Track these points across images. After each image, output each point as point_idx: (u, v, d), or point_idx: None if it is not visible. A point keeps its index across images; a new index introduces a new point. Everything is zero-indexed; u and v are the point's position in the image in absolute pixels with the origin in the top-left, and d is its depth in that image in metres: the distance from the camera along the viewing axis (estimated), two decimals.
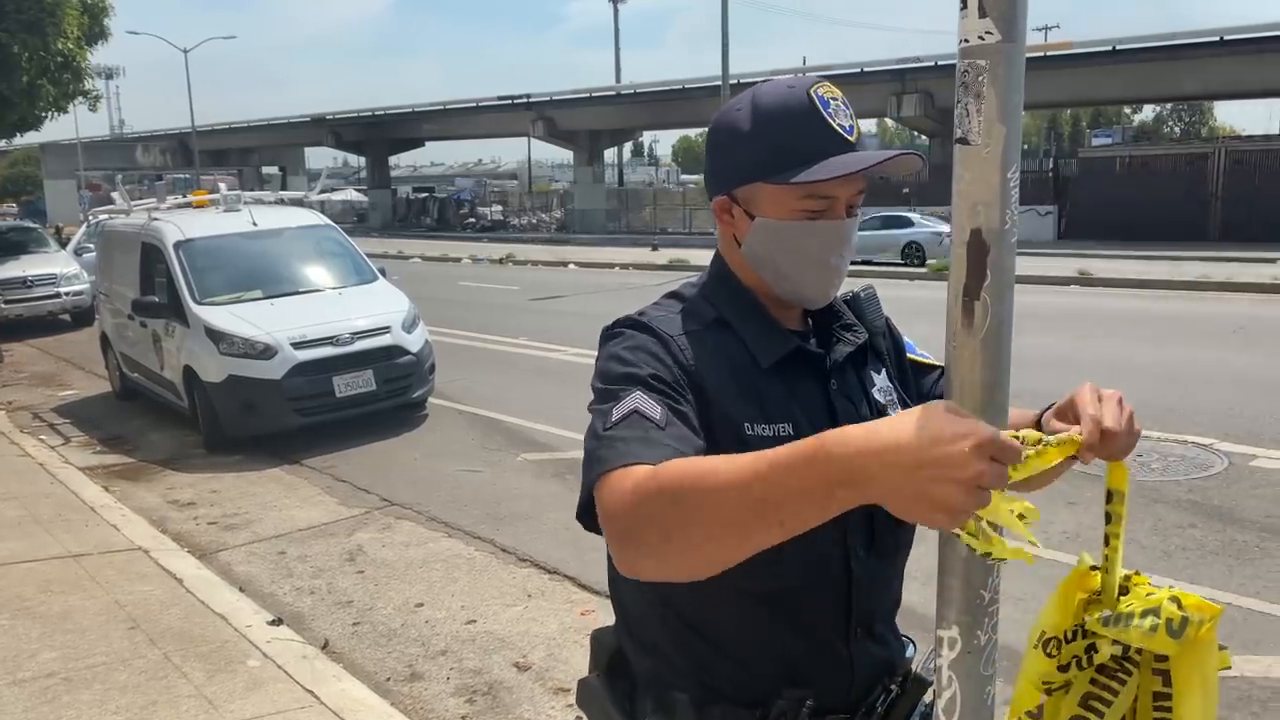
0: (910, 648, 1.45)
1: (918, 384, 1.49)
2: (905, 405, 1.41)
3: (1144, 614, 1.14)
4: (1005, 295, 1.01)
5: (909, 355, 1.51)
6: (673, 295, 1.39)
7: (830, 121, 1.25)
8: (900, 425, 0.89)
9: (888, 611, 1.41)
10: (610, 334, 1.32)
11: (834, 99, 1.28)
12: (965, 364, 1.03)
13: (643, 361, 1.22)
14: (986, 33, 0.96)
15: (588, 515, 1.15)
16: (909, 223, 22.69)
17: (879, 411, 1.36)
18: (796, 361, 1.32)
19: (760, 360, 1.29)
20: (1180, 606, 1.14)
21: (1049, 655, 1.13)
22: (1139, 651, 1.16)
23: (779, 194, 1.27)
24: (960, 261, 1.01)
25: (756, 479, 0.94)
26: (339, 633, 4.52)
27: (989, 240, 0.99)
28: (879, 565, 1.35)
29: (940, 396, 1.49)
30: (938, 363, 1.49)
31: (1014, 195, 0.99)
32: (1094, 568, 1.17)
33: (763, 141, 1.26)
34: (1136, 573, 1.21)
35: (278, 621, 4.45)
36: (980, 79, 0.97)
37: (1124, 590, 1.19)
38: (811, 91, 1.26)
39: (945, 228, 27.20)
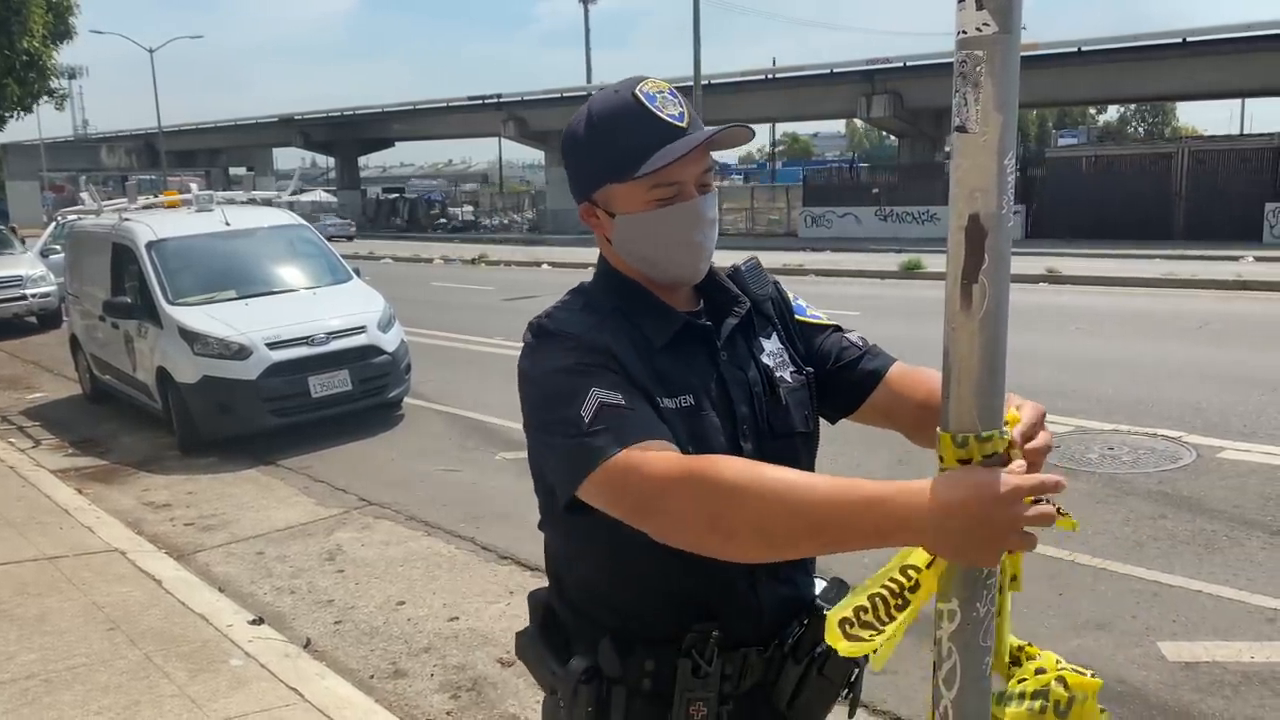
0: (819, 585, 1.52)
1: (807, 343, 1.57)
2: (795, 365, 1.51)
3: (1034, 695, 1.19)
4: (1002, 279, 1.04)
5: (798, 317, 1.59)
6: (575, 291, 1.48)
7: (658, 114, 1.34)
8: (958, 486, 1.02)
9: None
10: (530, 349, 1.38)
11: (660, 93, 1.36)
12: (964, 346, 1.06)
13: (572, 362, 1.30)
14: (984, 24, 1.00)
15: (576, 504, 1.27)
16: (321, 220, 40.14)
17: (766, 375, 1.46)
18: (687, 337, 1.41)
19: (654, 340, 1.38)
20: (1066, 687, 1.19)
21: None
22: None
23: (629, 190, 1.36)
24: (959, 246, 1.04)
25: (821, 506, 1.09)
26: (321, 631, 4.51)
27: (986, 225, 1.03)
28: None
29: (829, 354, 1.56)
30: (828, 322, 1.60)
31: (1010, 181, 1.03)
32: None
33: (602, 147, 1.37)
34: (1029, 644, 1.25)
35: (259, 621, 4.43)
36: (978, 69, 1.01)
37: (1015, 661, 1.24)
38: (637, 91, 1.35)
39: (337, 222, 40.53)
